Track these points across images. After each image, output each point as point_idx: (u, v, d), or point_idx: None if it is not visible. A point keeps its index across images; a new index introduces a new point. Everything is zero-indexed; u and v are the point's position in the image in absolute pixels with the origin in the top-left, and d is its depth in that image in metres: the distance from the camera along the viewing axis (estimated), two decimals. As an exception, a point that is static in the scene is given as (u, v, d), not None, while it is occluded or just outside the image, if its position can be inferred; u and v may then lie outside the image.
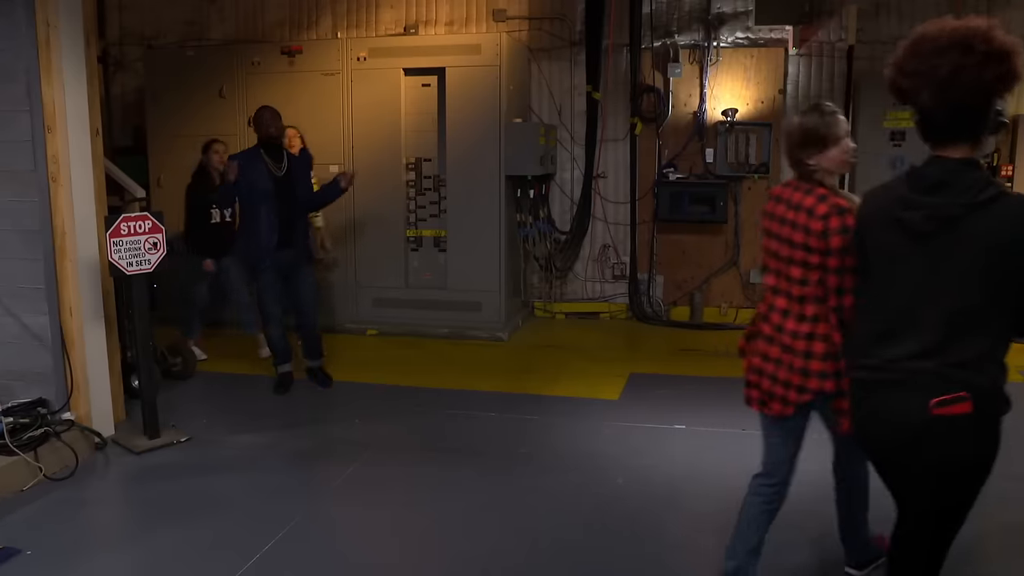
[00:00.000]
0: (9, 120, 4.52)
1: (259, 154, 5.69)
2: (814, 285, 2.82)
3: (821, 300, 2.83)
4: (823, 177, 2.88)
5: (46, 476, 4.37)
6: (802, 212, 2.82)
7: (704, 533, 4.07)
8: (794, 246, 2.84)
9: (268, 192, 5.64)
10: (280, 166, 5.72)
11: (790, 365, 2.93)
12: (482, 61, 7.29)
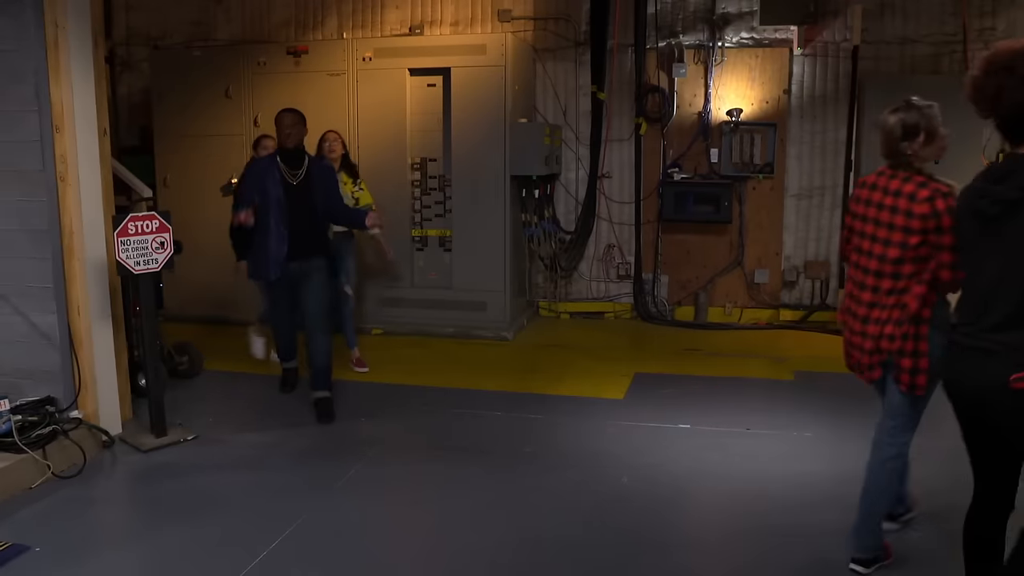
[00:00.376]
0: (18, 120, 4.56)
1: (275, 161, 5.40)
2: (909, 262, 3.17)
3: (912, 275, 3.18)
4: (920, 165, 3.26)
5: (54, 474, 4.40)
6: (902, 198, 3.18)
7: (708, 532, 4.11)
8: (893, 228, 3.19)
9: (279, 201, 5.30)
10: (296, 173, 5.37)
11: (863, 333, 3.33)
12: (487, 61, 7.31)
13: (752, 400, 5.83)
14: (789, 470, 4.58)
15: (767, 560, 3.66)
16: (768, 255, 8.17)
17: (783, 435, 5.11)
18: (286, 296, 5.57)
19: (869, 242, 3.30)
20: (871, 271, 3.29)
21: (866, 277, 3.31)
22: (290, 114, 5.40)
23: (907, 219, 3.14)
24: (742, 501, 4.27)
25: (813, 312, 8.09)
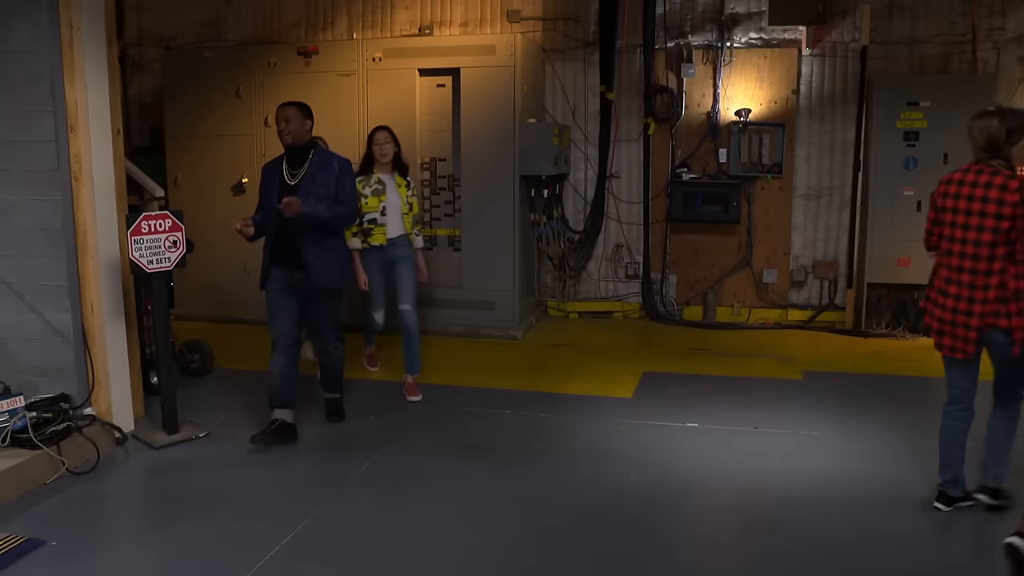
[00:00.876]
0: (33, 120, 4.61)
1: (281, 160, 5.02)
2: (1003, 245, 3.70)
3: (1006, 257, 3.71)
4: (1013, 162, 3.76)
5: (69, 470, 4.45)
6: (993, 189, 3.71)
7: (716, 528, 4.13)
8: (985, 215, 3.72)
9: (272, 203, 4.83)
10: (296, 173, 4.90)
11: (968, 312, 3.79)
12: (497, 62, 7.34)
13: (760, 399, 5.85)
14: (797, 468, 4.60)
15: (774, 556, 3.68)
16: (776, 255, 8.18)
17: (791, 434, 5.13)
18: (278, 306, 5.00)
19: (962, 231, 3.81)
20: (968, 255, 3.79)
21: (963, 261, 3.81)
22: (284, 108, 4.93)
23: (999, 207, 3.68)
24: (749, 498, 4.30)
25: (821, 312, 8.10)
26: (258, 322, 8.07)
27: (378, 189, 5.71)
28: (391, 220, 5.73)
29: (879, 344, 7.37)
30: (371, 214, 5.67)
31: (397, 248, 5.78)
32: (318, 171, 4.88)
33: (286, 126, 4.84)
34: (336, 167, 4.96)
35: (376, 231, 5.70)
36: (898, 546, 3.75)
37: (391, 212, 5.73)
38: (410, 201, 5.86)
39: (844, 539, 3.78)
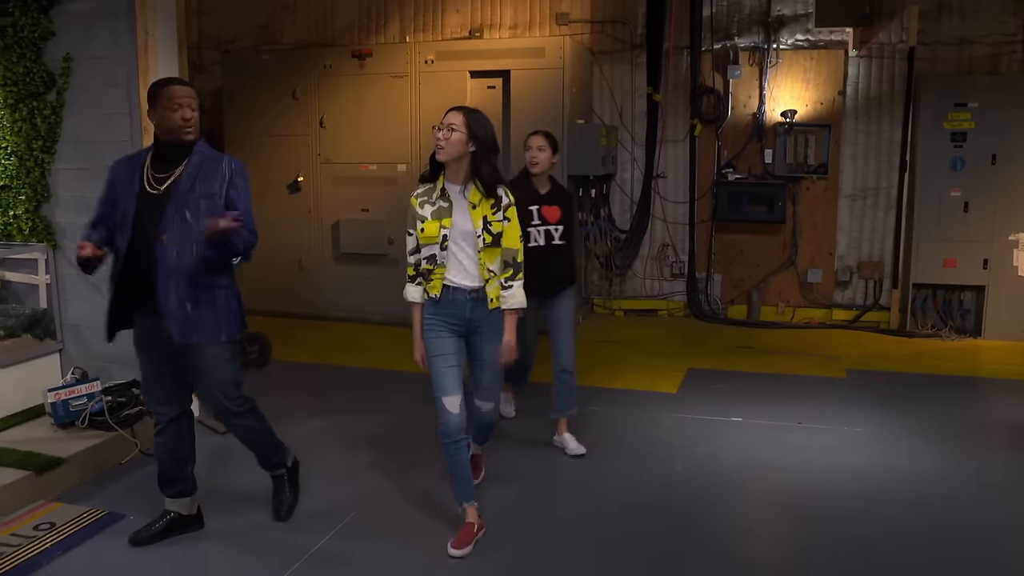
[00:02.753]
0: (112, 122, 4.87)
1: (142, 159, 3.54)
2: None
3: None
4: None
5: (141, 451, 4.71)
6: None
7: (758, 518, 4.24)
8: None
9: (127, 218, 3.42)
10: (162, 178, 3.45)
11: None
12: (546, 64, 7.51)
13: (804, 396, 5.94)
14: (839, 463, 4.70)
15: (814, 546, 3.79)
16: (821, 255, 8.24)
17: (834, 429, 5.22)
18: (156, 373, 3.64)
19: None
20: None
21: None
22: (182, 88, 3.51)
23: None
24: (791, 490, 4.41)
25: (866, 312, 8.14)
26: (312, 316, 8.40)
27: (442, 209, 3.59)
28: (453, 259, 3.61)
29: (924, 344, 7.41)
30: (429, 247, 3.60)
31: (466, 306, 3.64)
32: (199, 177, 3.46)
33: (192, 115, 3.45)
34: (226, 171, 3.52)
35: (435, 275, 3.62)
36: (938, 541, 3.82)
37: (455, 246, 3.59)
38: (492, 228, 3.58)
39: (884, 532, 3.87)
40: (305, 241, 8.44)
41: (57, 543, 3.69)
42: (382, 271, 8.05)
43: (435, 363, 3.67)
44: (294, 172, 8.37)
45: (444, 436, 3.66)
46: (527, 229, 4.44)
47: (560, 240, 4.67)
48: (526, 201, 4.47)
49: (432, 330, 3.68)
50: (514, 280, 3.65)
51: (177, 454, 3.75)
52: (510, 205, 3.65)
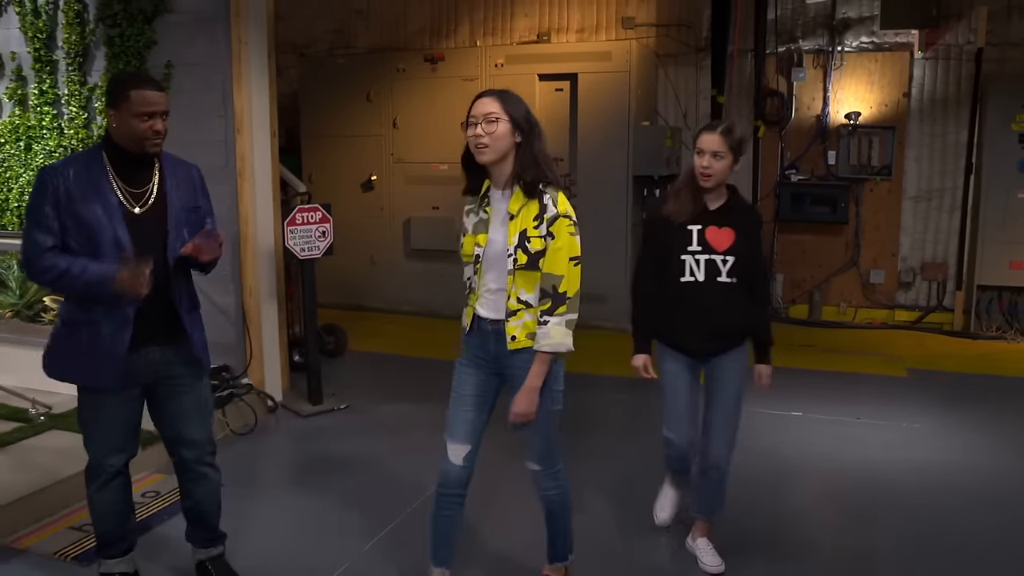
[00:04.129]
0: (207, 124, 5.22)
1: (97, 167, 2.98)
2: None
3: None
4: None
5: (232, 431, 5.06)
6: None
7: (816, 508, 4.39)
8: None
9: (117, 241, 2.93)
10: (139, 193, 3.01)
11: None
12: (612, 67, 7.71)
13: (864, 393, 6.05)
14: (897, 457, 4.83)
15: (872, 535, 3.95)
16: (884, 256, 8.29)
17: (893, 425, 5.34)
18: (116, 417, 3.11)
19: None
20: None
21: None
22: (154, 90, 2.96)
23: None
24: (849, 482, 4.55)
25: (929, 313, 8.17)
26: (383, 309, 8.71)
27: (481, 222, 2.95)
28: (487, 282, 2.94)
29: (988, 346, 7.43)
30: (468, 266, 3.01)
31: (490, 340, 2.98)
32: (178, 188, 3.10)
33: (163, 125, 2.97)
34: (196, 178, 3.22)
35: (470, 300, 3.02)
36: (994, 535, 3.92)
37: (490, 265, 2.93)
38: (530, 246, 2.82)
39: (940, 526, 4.00)
40: (377, 238, 8.77)
41: (163, 509, 4.04)
42: (452, 267, 8.22)
43: (452, 401, 3.06)
44: (368, 171, 8.71)
45: (440, 485, 3.05)
46: (681, 257, 3.31)
47: (728, 277, 3.31)
48: (685, 217, 3.34)
49: (459, 361, 3.08)
50: (552, 315, 2.81)
51: (126, 508, 3.27)
52: (558, 218, 2.82)
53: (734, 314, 3.37)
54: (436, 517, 3.08)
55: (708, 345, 3.41)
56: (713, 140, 3.29)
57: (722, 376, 3.45)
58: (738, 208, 3.43)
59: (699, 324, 3.37)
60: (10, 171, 5.83)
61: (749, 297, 3.39)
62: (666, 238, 3.40)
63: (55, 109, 5.69)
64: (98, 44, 5.49)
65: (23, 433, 4.65)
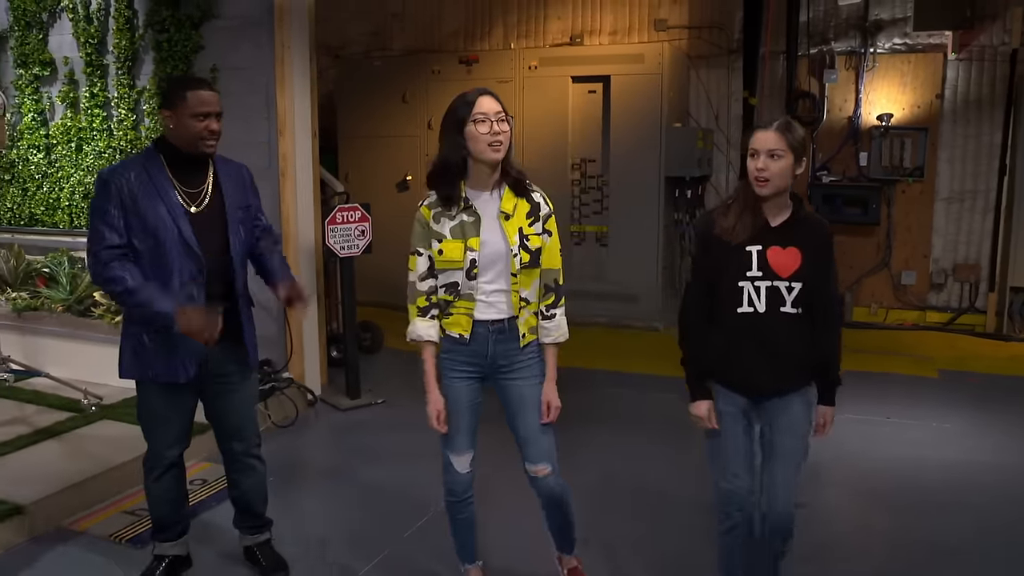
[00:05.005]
0: (252, 125, 5.39)
1: (156, 169, 3.08)
2: None
3: None
4: None
5: (274, 423, 5.23)
6: None
7: (844, 504, 4.46)
8: None
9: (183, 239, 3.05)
10: (196, 193, 3.13)
11: None
12: (644, 69, 7.80)
13: (894, 393, 6.09)
14: (926, 456, 4.89)
15: (899, 533, 4.02)
16: (916, 257, 8.30)
17: (922, 425, 5.40)
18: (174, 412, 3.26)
19: None
20: None
21: None
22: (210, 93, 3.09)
23: None
24: (877, 479, 4.62)
25: (961, 315, 8.17)
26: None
27: (465, 224, 2.88)
28: (484, 285, 2.92)
29: (1020, 348, 7.41)
30: (450, 272, 2.92)
31: (487, 341, 2.97)
32: (232, 188, 3.23)
33: (218, 125, 3.09)
34: (247, 178, 3.36)
35: (457, 308, 2.94)
36: (1017, 532, 3.97)
37: (486, 268, 2.91)
38: (530, 244, 2.92)
39: (970, 520, 4.07)
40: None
41: (211, 496, 4.21)
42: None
43: (449, 416, 3.01)
44: (403, 171, 8.87)
45: (450, 495, 3.14)
46: (739, 284, 2.80)
47: (793, 308, 2.81)
48: (743, 237, 2.80)
49: (445, 375, 3.01)
50: (556, 307, 2.98)
51: (178, 496, 3.42)
52: (551, 215, 2.97)
53: (799, 350, 2.84)
54: (455, 523, 3.21)
55: (769, 387, 2.86)
56: (769, 137, 2.75)
57: (786, 424, 2.87)
58: (806, 223, 2.85)
59: (758, 362, 2.83)
60: (62, 171, 6.04)
61: (816, 328, 2.86)
62: (720, 260, 2.83)
63: (105, 111, 5.90)
64: (147, 49, 5.68)
65: (76, 423, 4.85)
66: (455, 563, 3.37)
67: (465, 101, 2.82)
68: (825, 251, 2.85)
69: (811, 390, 2.92)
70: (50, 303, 5.87)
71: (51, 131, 6.10)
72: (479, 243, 2.86)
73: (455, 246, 2.85)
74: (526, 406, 3.01)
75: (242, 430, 3.39)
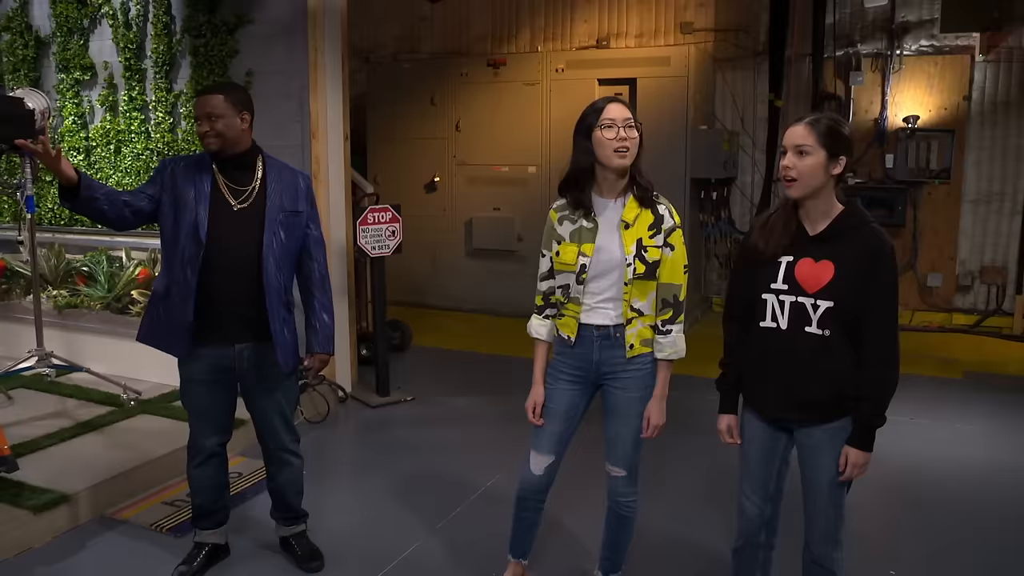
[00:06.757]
0: (286, 129, 5.51)
1: (205, 165, 3.30)
2: None
3: None
4: None
5: (306, 419, 5.36)
6: None
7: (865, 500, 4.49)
8: None
9: (198, 230, 3.20)
10: (241, 191, 3.28)
11: None
12: (671, 72, 7.87)
13: (918, 394, 6.10)
14: (946, 455, 4.95)
15: (919, 526, 4.09)
16: (942, 259, 8.31)
17: (945, 425, 5.45)
18: (210, 406, 3.42)
19: None
20: None
21: None
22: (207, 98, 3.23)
23: None
24: (898, 476, 4.66)
25: (988, 317, 8.16)
26: (445, 307, 8.98)
27: (583, 230, 2.93)
28: (594, 291, 2.95)
29: (1047, 350, 7.43)
30: (565, 275, 2.98)
31: (593, 346, 2.99)
32: (278, 190, 3.32)
33: (210, 125, 3.20)
34: (303, 185, 3.43)
35: (567, 310, 3.00)
36: None
37: (597, 274, 2.94)
38: (647, 256, 2.88)
39: (983, 517, 4.14)
40: (440, 237, 9.05)
41: (246, 489, 4.34)
42: (511, 266, 8.58)
43: (544, 413, 3.09)
44: (431, 173, 9.00)
45: (520, 491, 3.19)
46: (763, 296, 2.63)
47: (820, 328, 2.53)
48: (775, 245, 2.62)
49: (551, 375, 3.08)
50: (673, 323, 2.92)
51: (220, 484, 3.55)
52: (675, 229, 2.90)
53: (823, 378, 2.54)
54: (516, 518, 3.25)
55: (785, 413, 2.65)
56: (796, 132, 2.55)
57: (811, 458, 2.65)
58: (850, 234, 2.53)
59: (775, 385, 2.63)
60: (101, 172, 6.21)
61: (856, 355, 2.51)
62: (753, 269, 2.67)
63: (143, 114, 6.05)
64: (184, 54, 5.83)
65: (115, 416, 5.01)
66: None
67: (594, 108, 2.87)
68: (869, 267, 2.47)
69: (846, 423, 2.56)
70: (89, 301, 6.03)
71: (91, 134, 6.26)
72: (593, 249, 2.89)
73: (570, 250, 2.92)
74: (621, 415, 3.01)
75: (273, 428, 3.51)
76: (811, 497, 2.68)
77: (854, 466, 2.57)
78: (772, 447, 2.74)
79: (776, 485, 2.79)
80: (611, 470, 3.09)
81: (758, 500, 2.80)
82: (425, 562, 3.71)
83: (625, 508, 3.13)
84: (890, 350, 2.49)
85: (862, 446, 2.55)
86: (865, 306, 2.47)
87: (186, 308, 3.20)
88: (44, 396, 5.36)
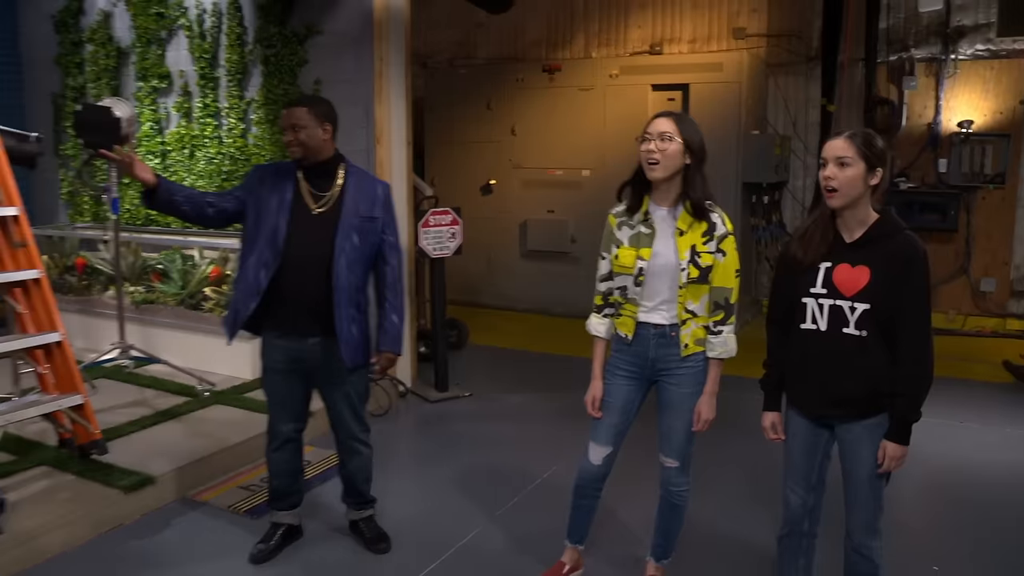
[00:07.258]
0: (352, 135, 5.76)
1: (290, 172, 3.55)
2: None
3: None
4: None
5: (369, 412, 5.57)
6: None
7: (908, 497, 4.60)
8: None
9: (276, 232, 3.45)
10: (323, 196, 3.50)
11: None
12: (723, 78, 7.99)
13: (968, 399, 6.16)
14: (993, 459, 5.02)
15: (963, 525, 4.18)
16: (996, 264, 8.30)
17: (994, 430, 5.50)
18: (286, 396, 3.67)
19: None
20: None
21: None
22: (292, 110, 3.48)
23: None
24: (941, 477, 4.77)
25: (1042, 322, 8.15)
26: (499, 307, 9.19)
27: (641, 236, 3.13)
28: (650, 293, 3.12)
29: (1102, 355, 7.39)
30: (623, 277, 3.18)
31: (650, 344, 3.18)
32: (359, 197, 3.55)
33: (294, 135, 3.44)
34: (380, 194, 3.62)
35: (625, 310, 3.20)
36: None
37: (653, 277, 3.11)
38: (700, 261, 3.07)
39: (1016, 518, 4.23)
40: (495, 239, 9.27)
41: (315, 476, 4.59)
42: (564, 267, 8.77)
43: (602, 406, 3.29)
44: (487, 176, 9.17)
45: (579, 479, 3.42)
46: (803, 300, 2.80)
47: (858, 330, 2.70)
48: (814, 252, 2.80)
49: (609, 371, 3.28)
50: (724, 324, 3.12)
51: (295, 468, 3.82)
52: (727, 236, 3.08)
53: (860, 376, 2.71)
54: (574, 505, 3.47)
55: (825, 410, 2.83)
56: (836, 145, 2.73)
57: (851, 450, 2.82)
58: (885, 240, 2.70)
59: (816, 383, 2.81)
60: (175, 176, 6.54)
61: (891, 354, 2.69)
62: (793, 275, 2.85)
63: (216, 121, 6.37)
64: (255, 63, 6.13)
65: (191, 406, 5.30)
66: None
67: (648, 121, 3.10)
68: (903, 271, 2.65)
69: (884, 418, 2.74)
70: (164, 297, 6.35)
71: (166, 139, 6.60)
72: (650, 254, 3.08)
73: (629, 253, 3.12)
74: (675, 409, 3.20)
75: (343, 418, 3.72)
76: (852, 489, 2.84)
77: (892, 459, 2.74)
78: (814, 442, 2.92)
79: (818, 477, 2.98)
80: (665, 461, 3.29)
81: (801, 491, 2.99)
82: (485, 548, 3.91)
83: (677, 497, 3.32)
84: (923, 349, 2.69)
85: (899, 440, 2.73)
86: (899, 307, 2.65)
87: (248, 304, 3.46)
88: (124, 386, 5.68)
